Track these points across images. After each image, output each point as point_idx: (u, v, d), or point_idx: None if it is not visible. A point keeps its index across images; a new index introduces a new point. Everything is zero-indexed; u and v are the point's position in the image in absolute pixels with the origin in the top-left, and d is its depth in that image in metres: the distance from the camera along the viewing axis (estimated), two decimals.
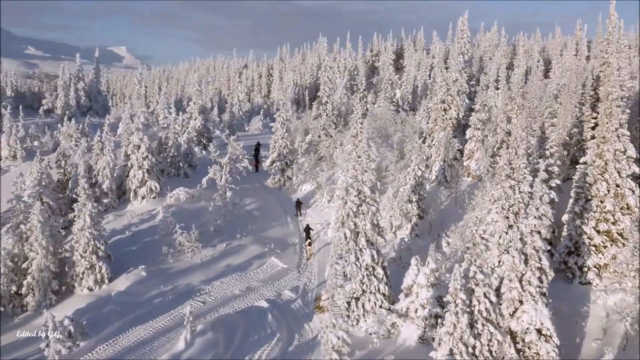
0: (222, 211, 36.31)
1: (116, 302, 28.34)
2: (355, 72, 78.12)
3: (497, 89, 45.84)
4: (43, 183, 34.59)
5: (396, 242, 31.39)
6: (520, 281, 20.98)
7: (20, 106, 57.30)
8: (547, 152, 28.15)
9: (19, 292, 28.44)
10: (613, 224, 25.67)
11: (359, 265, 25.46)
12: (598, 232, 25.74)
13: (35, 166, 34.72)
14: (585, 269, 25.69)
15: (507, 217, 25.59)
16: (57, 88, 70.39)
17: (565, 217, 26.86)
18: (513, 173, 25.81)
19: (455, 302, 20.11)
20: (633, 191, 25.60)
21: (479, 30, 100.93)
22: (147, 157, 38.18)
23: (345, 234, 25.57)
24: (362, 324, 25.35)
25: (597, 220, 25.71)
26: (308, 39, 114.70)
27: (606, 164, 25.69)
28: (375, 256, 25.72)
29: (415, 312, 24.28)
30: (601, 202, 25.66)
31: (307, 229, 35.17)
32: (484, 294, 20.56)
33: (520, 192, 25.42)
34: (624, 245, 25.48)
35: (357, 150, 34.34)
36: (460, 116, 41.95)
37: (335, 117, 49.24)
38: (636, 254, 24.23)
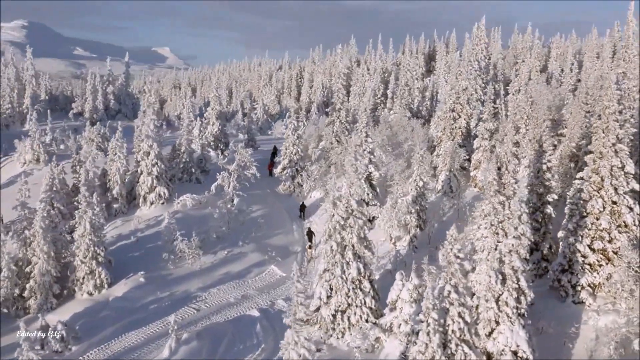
0: (226, 218, 36.81)
1: (112, 307, 29.17)
2: (384, 76, 77.44)
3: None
4: (54, 188, 35.81)
5: (392, 254, 31.20)
6: (497, 301, 20.63)
7: (49, 110, 59.40)
8: (544, 166, 27.42)
9: (22, 295, 29.60)
10: (609, 242, 24.82)
11: (344, 278, 25.43)
12: (593, 250, 24.96)
13: (48, 172, 35.97)
14: (579, 288, 25.00)
15: (497, 234, 25.06)
16: (86, 92, 72.52)
17: (560, 234, 26.18)
18: (503, 188, 25.30)
19: (427, 321, 19.92)
20: (631, 208, 24.71)
21: (513, 32, 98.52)
22: (156, 163, 39.06)
23: (331, 247, 25.59)
24: (347, 337, 25.36)
25: (592, 238, 24.91)
26: (348, 40, 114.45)
27: (602, 180, 24.89)
28: (362, 269, 25.63)
29: (399, 327, 24.12)
30: (597, 219, 24.85)
31: (310, 233, 35.51)
32: (459, 313, 20.28)
33: (510, 208, 24.86)
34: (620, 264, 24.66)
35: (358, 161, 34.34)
36: (472, 125, 41.28)
37: (350, 124, 49.13)
38: (630, 274, 23.43)
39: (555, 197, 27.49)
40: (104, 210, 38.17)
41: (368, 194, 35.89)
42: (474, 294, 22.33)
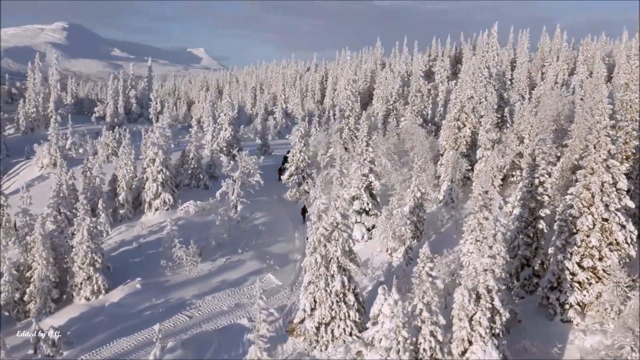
0: (227, 225, 37.21)
1: (108, 313, 29.84)
2: (408, 79, 76.74)
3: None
4: (62, 194, 36.86)
5: (385, 267, 31.07)
6: (470, 321, 20.36)
7: (70, 114, 61.03)
8: (537, 181, 26.85)
9: (23, 299, 30.56)
10: (599, 260, 24.22)
11: (328, 291, 25.49)
12: (582, 268, 24.37)
13: (55, 177, 37.04)
14: (567, 307, 24.45)
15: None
16: (107, 96, 74.15)
17: (550, 250, 25.64)
18: (490, 204, 24.96)
19: (397, 339, 19.87)
20: (623, 226, 24.05)
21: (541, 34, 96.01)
22: (161, 170, 39.78)
23: (316, 259, 25.67)
24: (330, 350, 25.41)
25: (582, 255, 24.34)
26: (381, 41, 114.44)
27: (593, 196, 24.27)
28: (347, 282, 25.64)
29: (380, 342, 24.04)
30: (587, 236, 24.26)
31: None
32: (430, 332, 20.18)
33: None
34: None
35: (361, 169, 34.32)
36: (480, 134, 40.63)
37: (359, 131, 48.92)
38: (618, 293, 22.84)
39: (548, 212, 26.89)
40: (110, 216, 39.10)
41: (368, 204, 35.78)
42: None
